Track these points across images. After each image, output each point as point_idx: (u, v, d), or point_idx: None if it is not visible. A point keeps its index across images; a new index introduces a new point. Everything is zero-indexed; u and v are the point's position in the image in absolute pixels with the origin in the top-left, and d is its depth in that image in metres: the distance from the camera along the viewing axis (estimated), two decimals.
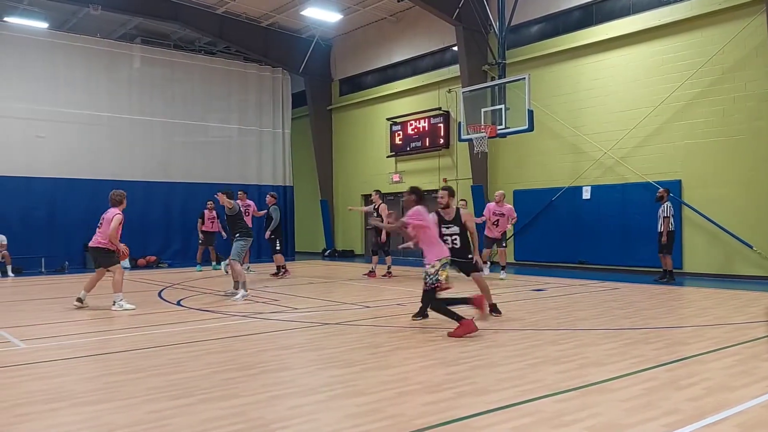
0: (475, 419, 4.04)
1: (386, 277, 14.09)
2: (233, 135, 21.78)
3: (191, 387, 4.87)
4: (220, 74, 21.68)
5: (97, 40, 19.30)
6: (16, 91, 17.47)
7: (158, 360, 5.90)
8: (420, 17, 20.02)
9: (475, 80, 17.33)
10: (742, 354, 5.90)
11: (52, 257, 17.11)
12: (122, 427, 3.96)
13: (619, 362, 5.58)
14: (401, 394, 4.61)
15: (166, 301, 10.44)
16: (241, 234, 10.91)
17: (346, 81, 23.89)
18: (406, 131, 20.95)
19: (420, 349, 6.34)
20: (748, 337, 6.72)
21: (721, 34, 13.65)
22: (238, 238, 10.86)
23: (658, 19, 14.66)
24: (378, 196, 14.56)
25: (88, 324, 8.28)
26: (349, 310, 9.19)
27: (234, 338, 7.03)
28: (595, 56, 15.94)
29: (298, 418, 4.11)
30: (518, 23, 17.06)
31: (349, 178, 23.47)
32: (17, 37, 17.73)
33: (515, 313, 8.66)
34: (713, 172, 13.83)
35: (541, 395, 4.56)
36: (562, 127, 16.51)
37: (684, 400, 4.42)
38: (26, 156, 17.38)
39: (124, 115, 19.40)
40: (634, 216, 14.76)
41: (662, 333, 7.07)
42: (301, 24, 22.07)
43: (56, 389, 4.86)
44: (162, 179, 19.86)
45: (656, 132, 14.75)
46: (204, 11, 20.36)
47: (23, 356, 6.15)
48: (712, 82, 13.80)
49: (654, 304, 9.59)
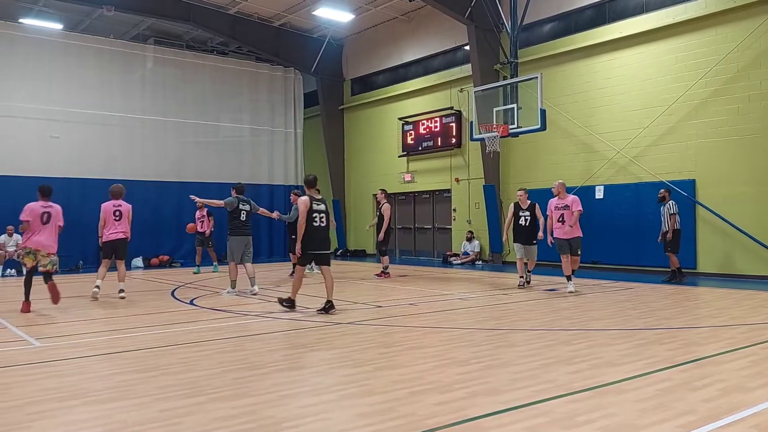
0: (487, 419, 4.02)
1: (381, 277, 13.89)
2: (245, 135, 21.87)
3: (203, 386, 4.89)
4: (232, 74, 21.79)
5: (110, 41, 19.45)
6: (31, 92, 17.66)
7: (170, 359, 5.93)
8: (432, 16, 19.98)
9: (487, 79, 17.27)
10: (758, 355, 5.83)
11: (67, 257, 17.20)
12: (135, 425, 3.98)
13: (632, 363, 5.54)
14: (413, 394, 4.60)
15: (179, 300, 10.49)
16: (229, 232, 10.97)
17: (357, 81, 23.90)
18: (417, 131, 20.93)
19: (432, 349, 6.32)
20: (763, 337, 6.64)
21: (736, 31, 13.51)
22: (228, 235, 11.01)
23: (672, 17, 14.54)
24: (384, 195, 14.46)
25: (102, 323, 8.34)
26: (360, 310, 9.19)
27: (245, 337, 7.05)
28: (608, 55, 15.83)
29: (309, 417, 4.10)
30: (530, 22, 16.98)
31: (360, 178, 23.48)
32: (32, 38, 17.93)
33: (528, 313, 8.62)
34: (728, 172, 13.70)
35: (553, 395, 4.53)
36: (575, 126, 16.42)
37: (699, 401, 4.37)
38: (41, 156, 17.56)
39: (137, 115, 19.55)
40: (647, 216, 14.63)
41: (676, 333, 7.01)
42: (313, 24, 22.10)
43: (70, 387, 4.89)
44: (174, 179, 19.96)
45: (670, 131, 14.62)
46: (216, 12, 20.45)
47: (38, 354, 6.21)
48: (727, 80, 13.66)
49: (668, 304, 9.51)
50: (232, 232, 10.91)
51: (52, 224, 9.22)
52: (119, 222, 10.36)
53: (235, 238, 10.91)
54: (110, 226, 10.38)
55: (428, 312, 8.90)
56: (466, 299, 10.44)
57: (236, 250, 10.95)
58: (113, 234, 10.32)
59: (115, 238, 10.33)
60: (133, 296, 11.12)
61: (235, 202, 10.94)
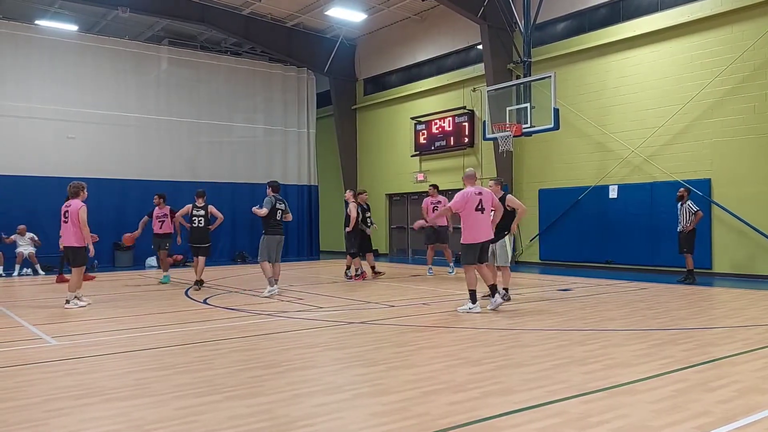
0: (501, 419, 4.02)
1: (357, 279, 13.44)
2: (259, 135, 21.98)
3: (218, 384, 4.92)
4: (246, 75, 21.89)
5: (125, 42, 19.61)
6: (47, 93, 17.86)
7: (186, 357, 5.98)
8: (444, 16, 19.95)
9: (500, 79, 17.23)
10: None
11: None
12: (152, 422, 4.02)
13: (647, 363, 5.51)
14: (426, 394, 4.61)
15: (193, 300, 10.57)
16: (264, 231, 10.90)
17: (370, 80, 23.92)
18: (430, 130, 20.91)
19: (445, 349, 6.33)
20: None
21: (752, 29, 13.38)
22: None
23: (687, 15, 14.43)
24: (351, 195, 13.85)
25: (117, 322, 8.41)
26: (373, 309, 9.20)
27: (259, 336, 7.09)
28: (622, 53, 15.74)
29: (323, 416, 4.13)
30: (544, 21, 16.92)
31: (373, 178, 23.50)
32: (48, 40, 18.12)
33: (541, 313, 8.60)
34: (744, 171, 13.56)
35: (567, 396, 4.52)
36: (589, 125, 16.33)
37: (714, 402, 4.34)
38: (57, 156, 17.75)
39: (151, 115, 19.70)
40: (662, 215, 14.52)
41: (692, 334, 6.96)
42: (326, 24, 22.15)
43: (87, 385, 4.95)
44: (189, 179, 20.07)
45: (685, 130, 14.51)
46: (230, 12, 20.55)
47: (55, 353, 6.29)
48: (743, 78, 13.53)
49: (683, 304, 9.44)
50: (268, 231, 10.80)
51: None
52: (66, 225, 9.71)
53: (270, 237, 10.81)
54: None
55: (441, 312, 8.90)
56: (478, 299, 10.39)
57: (270, 249, 10.86)
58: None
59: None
60: (147, 295, 11.23)
61: (273, 201, 10.86)
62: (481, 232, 8.60)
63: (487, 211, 8.70)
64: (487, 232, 8.69)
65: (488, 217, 8.78)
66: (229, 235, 20.47)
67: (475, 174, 9.06)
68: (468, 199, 8.57)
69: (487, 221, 8.74)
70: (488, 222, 8.78)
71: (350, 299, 10.46)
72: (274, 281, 10.95)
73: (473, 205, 8.55)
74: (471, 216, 8.57)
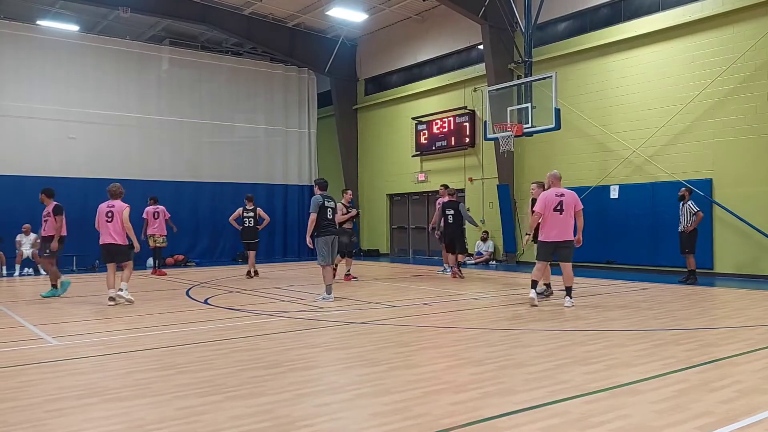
0: (502, 419, 4.02)
1: (347, 279, 13.42)
2: (260, 135, 22.00)
3: (219, 384, 4.92)
4: (247, 75, 21.92)
5: (126, 43, 19.64)
6: (49, 93, 17.89)
7: (187, 358, 5.97)
8: (445, 16, 19.95)
9: (501, 79, 17.22)
10: None
11: (83, 256, 17.40)
12: (153, 422, 4.02)
13: (648, 363, 5.50)
14: (428, 394, 4.60)
15: (194, 300, 10.57)
16: (316, 233, 10.15)
17: (371, 80, 23.92)
18: (431, 130, 20.91)
19: (447, 349, 6.32)
20: None
21: (754, 29, 13.36)
22: None
23: (689, 15, 14.41)
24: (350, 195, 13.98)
25: (118, 322, 8.41)
26: (375, 309, 9.20)
27: (261, 337, 7.08)
28: (624, 53, 15.72)
29: (324, 416, 4.12)
30: (545, 21, 16.91)
31: (374, 178, 23.50)
32: (49, 40, 18.15)
33: (543, 314, 8.59)
34: (745, 171, 13.55)
35: (568, 396, 4.51)
36: (590, 125, 16.32)
37: (716, 402, 4.34)
38: (59, 156, 17.79)
39: (153, 115, 19.73)
40: (663, 215, 14.51)
41: (693, 334, 6.95)
42: (327, 24, 22.16)
43: (88, 385, 4.95)
44: (190, 179, 20.13)
45: (686, 130, 14.50)
46: (231, 12, 20.56)
47: (55, 353, 6.28)
48: (744, 78, 13.51)
49: (685, 304, 9.43)
50: (320, 232, 10.11)
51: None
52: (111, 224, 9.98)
53: (323, 238, 10.12)
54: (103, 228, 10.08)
55: (442, 312, 8.90)
56: (480, 299, 10.42)
57: (326, 250, 10.15)
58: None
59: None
60: (148, 295, 11.22)
61: (321, 200, 10.22)
62: (555, 231, 9.10)
63: (567, 213, 9.08)
64: (561, 232, 9.12)
65: (567, 219, 9.13)
66: (231, 235, 20.44)
67: (560, 175, 9.45)
68: (547, 200, 9.15)
69: (565, 222, 9.11)
70: (566, 222, 9.14)
71: (351, 299, 10.44)
72: (328, 290, 10.20)
73: (552, 205, 9.10)
74: (549, 216, 9.13)
